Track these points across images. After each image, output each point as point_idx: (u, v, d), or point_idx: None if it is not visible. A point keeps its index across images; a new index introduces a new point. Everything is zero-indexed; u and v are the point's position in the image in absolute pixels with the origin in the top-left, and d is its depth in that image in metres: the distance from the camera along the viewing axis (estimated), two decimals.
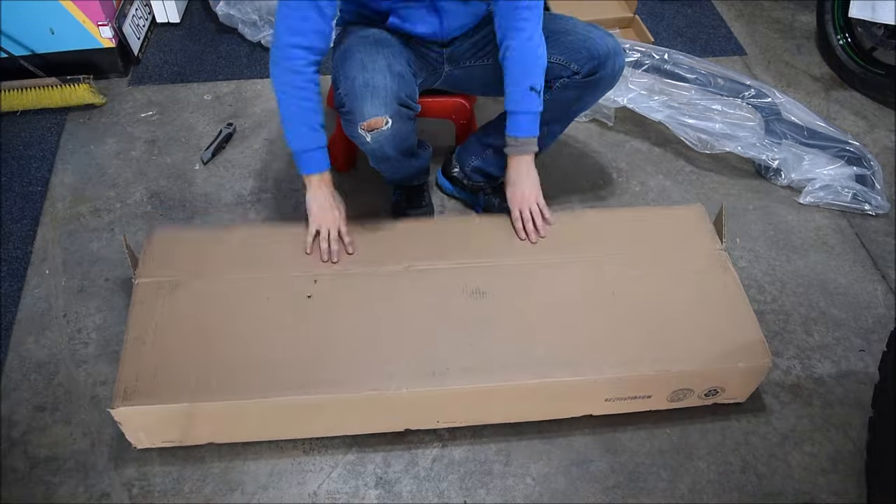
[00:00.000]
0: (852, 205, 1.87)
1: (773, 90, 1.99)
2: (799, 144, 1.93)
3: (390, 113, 1.36)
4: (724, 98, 1.98)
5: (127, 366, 1.29)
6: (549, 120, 1.56)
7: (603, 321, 1.40)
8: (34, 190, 1.88)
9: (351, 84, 1.36)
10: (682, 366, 1.34)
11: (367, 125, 1.37)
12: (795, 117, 1.96)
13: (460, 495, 1.35)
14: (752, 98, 1.99)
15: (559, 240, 1.54)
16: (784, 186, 1.94)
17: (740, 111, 1.95)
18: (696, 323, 1.40)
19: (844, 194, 1.88)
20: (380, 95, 1.35)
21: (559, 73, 1.49)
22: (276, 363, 1.30)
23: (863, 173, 1.89)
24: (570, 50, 1.47)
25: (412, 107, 1.42)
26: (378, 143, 1.41)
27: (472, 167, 1.75)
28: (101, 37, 2.12)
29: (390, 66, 1.37)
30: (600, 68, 1.47)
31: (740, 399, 1.46)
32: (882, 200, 1.86)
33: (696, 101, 1.96)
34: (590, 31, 1.49)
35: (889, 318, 1.66)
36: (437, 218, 1.80)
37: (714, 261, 1.50)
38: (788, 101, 1.98)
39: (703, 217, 1.60)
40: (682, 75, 2.03)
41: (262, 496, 1.33)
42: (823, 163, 1.90)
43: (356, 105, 1.36)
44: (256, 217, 1.82)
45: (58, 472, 1.36)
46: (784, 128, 1.95)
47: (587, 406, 1.41)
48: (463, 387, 1.30)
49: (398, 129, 1.40)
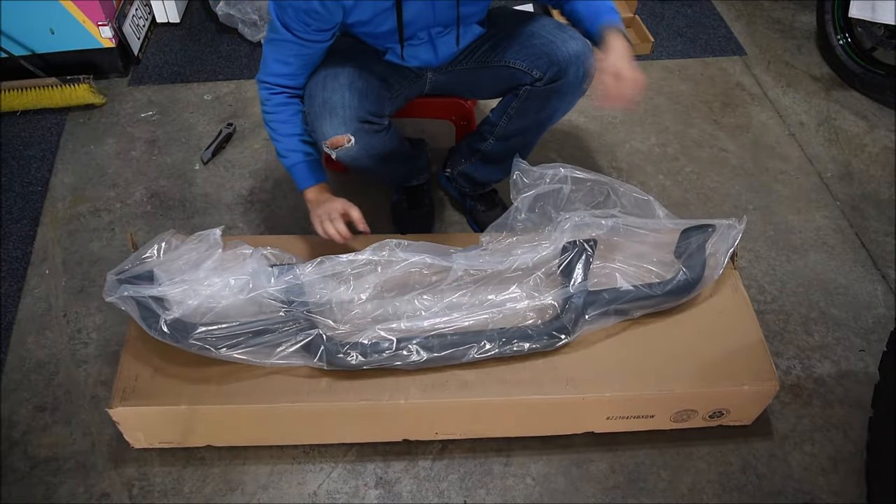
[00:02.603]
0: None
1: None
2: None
3: (351, 131, 1.36)
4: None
5: (127, 366, 1.29)
6: (521, 131, 1.55)
7: (606, 339, 1.38)
8: (34, 190, 1.88)
9: (311, 103, 1.38)
10: (685, 386, 1.31)
11: (329, 143, 1.38)
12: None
13: (460, 495, 1.35)
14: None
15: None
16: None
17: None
18: (703, 343, 1.37)
19: None
20: (338, 115, 1.35)
21: (521, 80, 1.46)
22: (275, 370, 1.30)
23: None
24: (532, 55, 1.43)
25: (377, 122, 1.41)
26: (348, 158, 1.41)
27: (459, 171, 1.75)
28: (101, 37, 2.12)
29: (352, 83, 1.36)
30: (562, 75, 1.42)
31: (746, 422, 1.43)
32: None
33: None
34: (555, 34, 1.43)
35: (889, 318, 1.66)
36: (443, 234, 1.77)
37: (724, 280, 1.46)
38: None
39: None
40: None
41: (262, 496, 1.33)
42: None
43: (317, 125, 1.37)
44: (256, 217, 1.82)
45: (58, 472, 1.36)
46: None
47: (588, 423, 1.39)
48: (461, 400, 1.29)
49: (365, 143, 1.40)
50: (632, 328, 1.39)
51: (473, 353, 1.28)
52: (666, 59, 2.39)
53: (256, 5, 2.31)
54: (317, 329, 1.27)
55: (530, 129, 1.56)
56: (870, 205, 1.93)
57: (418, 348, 1.27)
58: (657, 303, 1.38)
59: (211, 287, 1.26)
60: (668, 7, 2.62)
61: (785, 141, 2.11)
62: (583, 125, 2.12)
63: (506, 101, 1.54)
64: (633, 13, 2.45)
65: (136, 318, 1.24)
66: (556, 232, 1.40)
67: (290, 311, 1.27)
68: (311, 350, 1.25)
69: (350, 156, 1.41)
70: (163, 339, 1.23)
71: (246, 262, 1.31)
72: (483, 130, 1.62)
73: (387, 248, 1.36)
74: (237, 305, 1.27)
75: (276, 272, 1.31)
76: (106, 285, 1.25)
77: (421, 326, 1.31)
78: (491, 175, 1.71)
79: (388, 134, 1.48)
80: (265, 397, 1.27)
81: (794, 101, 2.25)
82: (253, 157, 1.99)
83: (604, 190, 1.47)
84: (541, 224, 1.45)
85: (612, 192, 1.46)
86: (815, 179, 2.00)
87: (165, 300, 1.25)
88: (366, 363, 1.26)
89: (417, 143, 1.80)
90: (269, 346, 1.25)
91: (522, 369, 1.32)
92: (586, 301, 1.34)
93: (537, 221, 1.45)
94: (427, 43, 1.42)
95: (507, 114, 1.53)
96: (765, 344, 1.38)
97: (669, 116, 2.17)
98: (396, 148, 1.54)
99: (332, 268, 1.33)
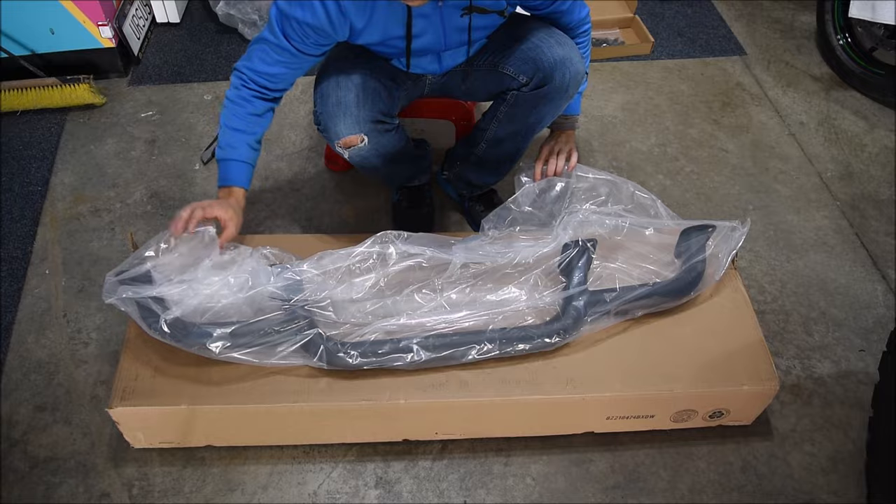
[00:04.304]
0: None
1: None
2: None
3: (364, 131, 1.36)
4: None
5: (127, 366, 1.29)
6: (511, 135, 1.55)
7: (606, 339, 1.37)
8: (34, 190, 1.88)
9: (324, 103, 1.37)
10: (685, 386, 1.31)
11: (343, 143, 1.38)
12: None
13: (460, 495, 1.35)
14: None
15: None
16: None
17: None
18: (703, 343, 1.37)
19: None
20: (352, 114, 1.35)
21: (509, 85, 1.46)
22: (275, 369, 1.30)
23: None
24: (519, 60, 1.43)
25: (388, 121, 1.41)
26: (359, 157, 1.41)
27: (455, 173, 1.75)
28: (101, 37, 2.12)
29: (364, 83, 1.36)
30: (548, 80, 1.41)
31: (746, 422, 1.43)
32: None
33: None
34: (542, 39, 1.42)
35: (889, 318, 1.66)
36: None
37: (724, 280, 1.46)
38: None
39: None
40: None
41: (262, 496, 1.33)
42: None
43: (330, 124, 1.37)
44: (256, 217, 1.82)
45: (58, 472, 1.36)
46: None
47: (588, 423, 1.39)
48: (461, 400, 1.29)
49: (377, 142, 1.40)
50: (632, 328, 1.39)
51: (473, 353, 1.28)
52: (666, 59, 2.39)
53: (256, 5, 2.31)
54: (316, 328, 1.27)
55: (520, 134, 1.56)
56: (870, 205, 1.93)
57: (418, 348, 1.27)
58: (657, 303, 1.38)
59: (210, 286, 1.26)
60: (668, 7, 2.62)
61: (785, 141, 2.11)
62: (583, 125, 2.11)
63: (495, 105, 1.54)
64: (633, 13, 2.45)
65: (136, 318, 1.24)
66: (559, 228, 1.40)
67: (290, 311, 1.27)
68: (310, 350, 1.25)
69: (361, 155, 1.41)
70: (163, 339, 1.23)
71: (245, 261, 1.31)
72: (475, 135, 1.62)
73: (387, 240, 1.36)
74: (237, 305, 1.27)
75: (275, 271, 1.31)
76: (105, 286, 1.25)
77: (421, 324, 1.31)
78: (485, 178, 1.71)
79: (398, 133, 1.48)
80: (265, 397, 1.27)
81: (794, 101, 2.25)
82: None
83: (607, 187, 1.47)
84: (543, 211, 1.44)
85: (615, 190, 1.46)
86: (814, 179, 2.00)
87: (165, 300, 1.25)
88: (366, 363, 1.26)
89: (420, 143, 1.80)
90: (269, 346, 1.25)
91: (522, 369, 1.32)
92: (586, 301, 1.34)
93: (540, 214, 1.44)
94: (433, 55, 1.43)
95: (497, 118, 1.53)
96: (765, 344, 1.38)
97: (669, 116, 2.17)
98: (404, 148, 1.54)
99: (331, 262, 1.33)
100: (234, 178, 1.39)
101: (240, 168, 1.40)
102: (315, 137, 2.04)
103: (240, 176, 1.40)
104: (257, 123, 1.39)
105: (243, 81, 1.36)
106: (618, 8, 2.50)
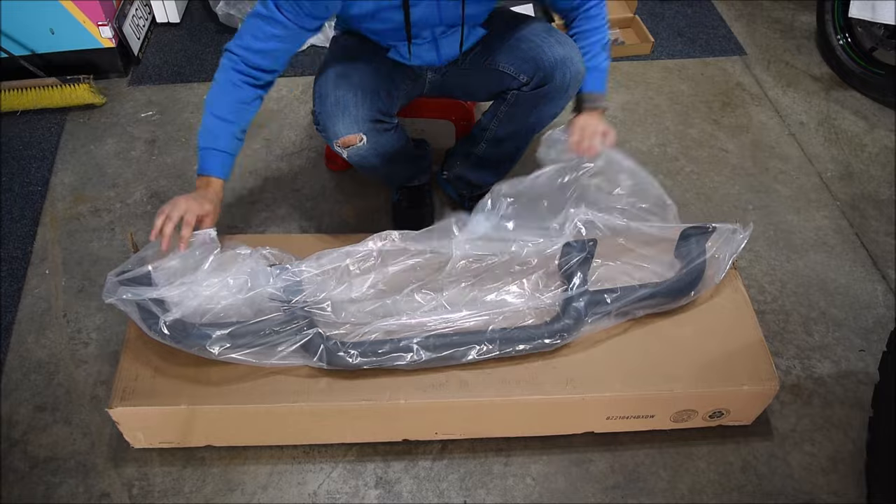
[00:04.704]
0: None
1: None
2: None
3: (363, 130, 1.36)
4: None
5: (126, 366, 1.29)
6: (511, 135, 1.55)
7: (606, 339, 1.37)
8: (34, 190, 1.88)
9: (323, 102, 1.37)
10: (685, 386, 1.31)
11: (341, 142, 1.37)
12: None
13: (460, 495, 1.35)
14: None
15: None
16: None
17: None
18: (703, 343, 1.37)
19: None
20: (350, 114, 1.35)
21: (509, 84, 1.46)
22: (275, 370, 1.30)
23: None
24: (520, 59, 1.43)
25: (387, 121, 1.41)
26: (358, 157, 1.41)
27: (454, 173, 1.75)
28: (101, 37, 2.12)
29: (362, 82, 1.36)
30: (548, 80, 1.41)
31: (746, 422, 1.43)
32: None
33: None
34: (543, 38, 1.42)
35: (889, 318, 1.66)
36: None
37: (724, 281, 1.45)
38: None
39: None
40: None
41: (261, 496, 1.33)
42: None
43: (329, 124, 1.36)
44: (256, 217, 1.82)
45: (58, 472, 1.36)
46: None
47: (588, 423, 1.39)
48: (461, 400, 1.29)
49: (376, 141, 1.39)
50: (632, 328, 1.39)
51: (473, 353, 1.28)
52: (666, 59, 2.39)
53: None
54: (316, 328, 1.27)
55: (520, 133, 1.56)
56: (870, 205, 1.93)
57: (418, 348, 1.27)
58: (658, 304, 1.38)
59: (210, 288, 1.26)
60: (668, 7, 2.62)
61: (785, 141, 2.11)
62: None
63: (495, 105, 1.54)
64: (633, 13, 2.45)
65: (136, 319, 1.24)
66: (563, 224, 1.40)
67: (290, 311, 1.27)
68: (310, 349, 1.25)
69: (360, 155, 1.40)
70: (163, 340, 1.23)
71: (245, 262, 1.31)
72: (475, 134, 1.62)
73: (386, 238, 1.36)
74: (236, 306, 1.27)
75: (274, 272, 1.31)
76: (106, 286, 1.25)
77: (421, 324, 1.31)
78: (486, 178, 1.71)
79: (397, 133, 1.48)
80: (265, 397, 1.27)
81: (794, 101, 2.25)
82: (252, 157, 1.99)
83: (633, 180, 1.46)
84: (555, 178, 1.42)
85: (638, 187, 1.45)
86: (814, 179, 2.00)
87: (165, 301, 1.25)
88: (366, 362, 1.26)
89: (420, 143, 1.80)
90: (269, 347, 1.25)
91: (522, 369, 1.32)
92: (587, 302, 1.34)
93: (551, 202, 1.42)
94: (430, 43, 1.42)
95: (497, 118, 1.53)
96: (765, 344, 1.38)
97: (669, 116, 2.17)
98: (403, 147, 1.54)
99: (330, 262, 1.33)
100: (214, 168, 1.35)
101: (221, 158, 1.35)
102: (315, 137, 2.04)
103: (220, 167, 1.35)
104: (245, 112, 1.35)
105: (233, 63, 1.32)
106: (618, 8, 2.50)
